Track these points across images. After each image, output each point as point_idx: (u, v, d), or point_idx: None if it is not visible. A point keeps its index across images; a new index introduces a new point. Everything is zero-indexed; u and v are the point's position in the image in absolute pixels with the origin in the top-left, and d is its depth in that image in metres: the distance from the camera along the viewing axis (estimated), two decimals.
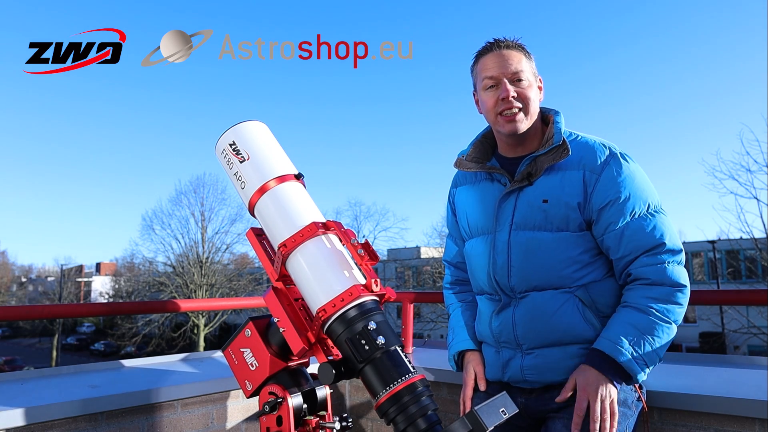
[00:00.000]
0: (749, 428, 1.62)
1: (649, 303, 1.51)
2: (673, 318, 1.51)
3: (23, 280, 57.53)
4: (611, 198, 1.55)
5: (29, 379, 2.18)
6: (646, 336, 1.49)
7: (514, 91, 1.62)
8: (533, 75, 1.67)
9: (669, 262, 1.53)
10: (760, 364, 2.17)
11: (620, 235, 1.55)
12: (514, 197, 1.65)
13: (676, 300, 1.52)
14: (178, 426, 2.04)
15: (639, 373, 1.48)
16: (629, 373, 1.48)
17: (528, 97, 1.63)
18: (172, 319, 30.05)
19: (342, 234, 1.34)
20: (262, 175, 1.44)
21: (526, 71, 1.64)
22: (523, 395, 1.64)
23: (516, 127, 1.63)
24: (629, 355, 1.47)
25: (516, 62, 1.63)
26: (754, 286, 21.03)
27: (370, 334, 1.23)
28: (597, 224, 1.58)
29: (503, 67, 1.63)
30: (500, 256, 1.64)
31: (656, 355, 1.50)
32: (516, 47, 1.66)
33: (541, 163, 1.62)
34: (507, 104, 1.62)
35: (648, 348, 1.49)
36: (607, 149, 1.61)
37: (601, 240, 1.58)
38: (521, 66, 1.63)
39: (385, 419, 1.20)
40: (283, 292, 1.38)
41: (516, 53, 1.65)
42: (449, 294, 1.95)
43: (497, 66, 1.63)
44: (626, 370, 1.48)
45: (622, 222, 1.55)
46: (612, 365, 1.48)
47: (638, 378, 1.50)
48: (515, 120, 1.63)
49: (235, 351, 1.46)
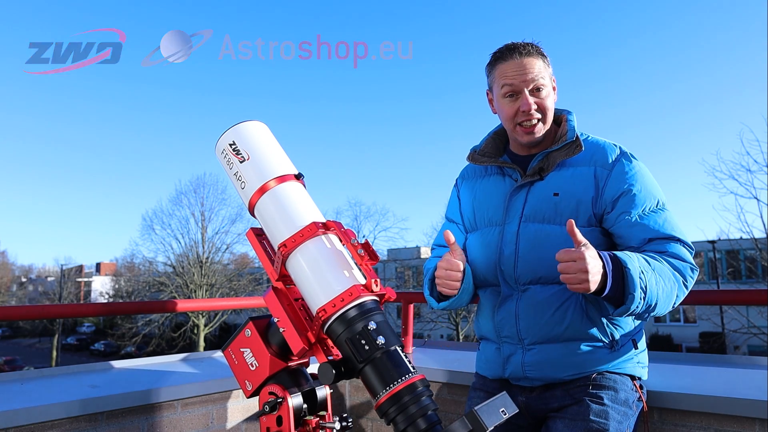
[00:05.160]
0: (749, 428, 1.62)
1: (662, 255, 1.51)
2: (682, 274, 1.50)
3: (23, 280, 57.53)
4: (623, 189, 1.58)
5: (29, 379, 2.18)
6: (654, 271, 1.44)
7: (535, 102, 1.63)
8: (550, 80, 1.68)
9: (681, 247, 1.55)
10: (760, 364, 2.17)
11: (633, 225, 1.56)
12: (525, 191, 1.67)
13: (687, 272, 1.52)
14: (178, 426, 2.04)
15: (633, 298, 1.39)
16: (627, 290, 1.39)
17: (546, 107, 1.65)
18: (172, 319, 30.05)
19: (342, 234, 1.34)
20: (262, 175, 1.44)
21: (546, 79, 1.65)
22: (523, 394, 1.65)
23: (534, 137, 1.67)
24: (637, 273, 1.40)
25: (536, 72, 1.63)
26: (754, 286, 21.01)
27: (370, 334, 1.23)
28: (610, 214, 1.59)
29: (523, 78, 1.63)
30: (508, 247, 1.65)
31: (656, 295, 1.43)
32: (536, 53, 1.66)
33: (554, 158, 1.65)
34: (527, 116, 1.64)
35: (652, 280, 1.42)
36: (618, 148, 1.66)
37: (613, 228, 1.59)
38: (541, 75, 1.64)
39: (385, 419, 1.20)
40: (283, 292, 1.38)
41: (535, 60, 1.65)
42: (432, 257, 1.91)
43: (517, 75, 1.63)
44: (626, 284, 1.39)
45: (635, 213, 1.57)
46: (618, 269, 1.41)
47: (628, 302, 1.40)
48: (533, 131, 1.66)
49: (235, 351, 1.46)
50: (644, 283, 1.41)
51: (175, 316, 29.06)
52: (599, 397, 1.55)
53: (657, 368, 2.07)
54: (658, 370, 2.05)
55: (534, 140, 1.67)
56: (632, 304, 1.41)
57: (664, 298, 1.46)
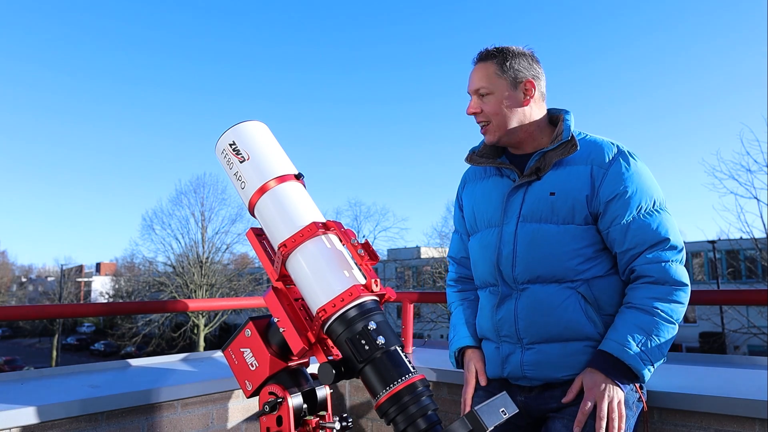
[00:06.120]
0: (749, 428, 1.62)
1: (654, 303, 1.53)
2: (675, 317, 1.54)
3: (23, 280, 57.55)
4: (618, 191, 1.58)
5: (29, 379, 2.18)
6: (652, 336, 1.51)
7: (479, 106, 1.69)
8: (508, 85, 1.67)
9: (672, 261, 1.55)
10: (760, 364, 2.17)
11: (626, 229, 1.57)
12: (523, 191, 1.67)
13: (678, 299, 1.54)
14: (178, 426, 2.04)
15: (644, 373, 1.51)
16: (635, 373, 1.50)
17: (490, 111, 1.68)
18: (172, 319, 30.06)
19: (342, 234, 1.34)
20: (262, 175, 1.44)
21: (494, 84, 1.67)
22: (522, 393, 1.65)
23: (488, 138, 1.73)
24: (636, 355, 1.49)
25: (482, 77, 1.68)
26: (754, 286, 21.02)
27: (370, 334, 1.23)
28: (603, 217, 1.59)
29: (470, 83, 1.72)
30: (506, 247, 1.66)
31: (661, 354, 1.53)
32: (490, 57, 1.68)
33: (550, 158, 1.65)
34: (477, 119, 1.72)
35: (654, 347, 1.51)
36: (615, 147, 1.65)
37: (606, 233, 1.60)
38: (485, 81, 1.67)
39: (385, 419, 1.20)
40: (283, 292, 1.38)
41: (486, 65, 1.68)
42: (452, 292, 1.95)
43: (469, 81, 1.73)
44: (633, 370, 1.49)
45: (628, 216, 1.57)
46: (619, 366, 1.50)
47: (644, 376, 1.51)
48: (486, 132, 1.72)
49: (235, 351, 1.46)
50: (647, 359, 1.50)
51: (175, 316, 29.07)
52: None
53: (657, 368, 2.06)
54: (658, 370, 2.04)
55: (489, 142, 1.72)
56: (645, 374, 1.51)
57: (665, 347, 1.54)
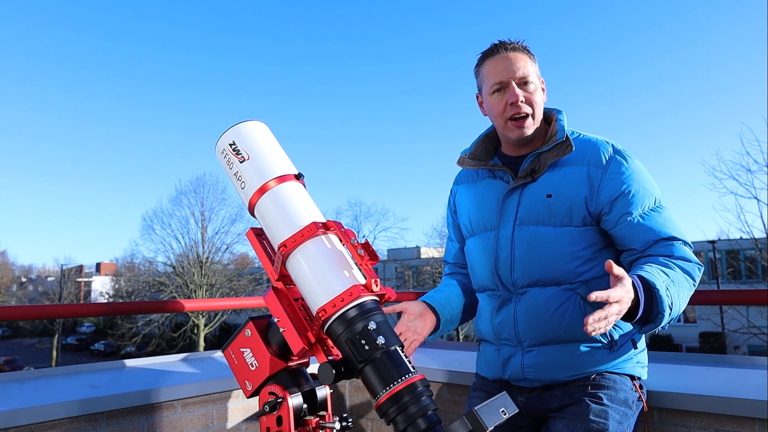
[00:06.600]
0: (749, 428, 1.62)
1: (671, 260, 1.50)
2: (692, 277, 1.49)
3: (23, 280, 57.56)
4: (622, 190, 1.56)
5: (29, 379, 2.18)
6: (674, 283, 1.43)
7: (523, 95, 1.62)
8: (538, 77, 1.68)
9: (684, 247, 1.55)
10: (760, 364, 2.17)
11: (635, 226, 1.55)
12: (518, 193, 1.66)
13: (695, 272, 1.51)
14: (178, 426, 2.04)
15: (663, 317, 1.39)
16: (658, 309, 1.38)
17: (535, 101, 1.64)
18: (172, 319, 30.06)
19: (342, 234, 1.34)
20: (262, 175, 1.44)
21: (532, 74, 1.65)
22: (523, 394, 1.65)
23: (524, 132, 1.64)
24: (665, 293, 1.38)
25: (523, 65, 1.63)
26: (754, 286, 21.00)
27: (370, 334, 1.23)
28: (609, 215, 1.58)
29: (511, 71, 1.62)
30: (503, 251, 1.65)
31: (678, 307, 1.43)
32: (521, 49, 1.66)
33: (545, 159, 1.63)
34: (516, 109, 1.62)
35: (675, 294, 1.42)
36: (610, 146, 1.63)
37: (613, 231, 1.58)
38: (528, 69, 1.63)
39: (385, 419, 1.20)
40: (283, 292, 1.38)
41: (522, 56, 1.65)
42: (443, 278, 1.97)
43: (505, 70, 1.63)
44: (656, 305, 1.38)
45: (636, 213, 1.56)
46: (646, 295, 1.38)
47: (658, 321, 1.40)
48: (524, 126, 1.63)
49: (235, 351, 1.46)
50: (670, 300, 1.40)
51: (175, 316, 29.07)
52: (599, 397, 1.55)
53: (657, 368, 2.07)
54: (658, 370, 2.05)
55: (524, 136, 1.64)
56: (661, 323, 1.41)
57: (683, 306, 1.46)
